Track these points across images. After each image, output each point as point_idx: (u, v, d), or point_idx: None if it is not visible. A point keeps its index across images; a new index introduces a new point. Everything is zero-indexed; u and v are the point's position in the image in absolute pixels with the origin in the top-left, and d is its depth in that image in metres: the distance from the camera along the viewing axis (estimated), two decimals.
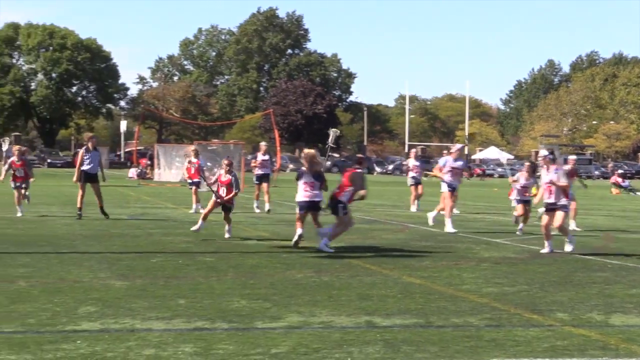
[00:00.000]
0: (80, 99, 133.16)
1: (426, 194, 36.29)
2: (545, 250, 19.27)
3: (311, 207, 18.96)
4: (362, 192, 19.17)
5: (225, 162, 20.84)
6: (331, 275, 14.95)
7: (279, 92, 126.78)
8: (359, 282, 14.34)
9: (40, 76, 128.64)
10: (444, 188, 24.44)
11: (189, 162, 30.23)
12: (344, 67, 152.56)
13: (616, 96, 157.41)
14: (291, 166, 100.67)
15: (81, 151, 25.97)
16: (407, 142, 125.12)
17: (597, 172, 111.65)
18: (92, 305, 11.57)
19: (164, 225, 24.84)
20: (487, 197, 43.06)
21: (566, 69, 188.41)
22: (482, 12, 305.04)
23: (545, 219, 19.35)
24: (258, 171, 32.46)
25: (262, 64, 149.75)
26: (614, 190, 62.69)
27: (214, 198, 20.66)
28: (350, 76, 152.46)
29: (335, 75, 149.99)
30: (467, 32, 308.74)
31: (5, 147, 67.40)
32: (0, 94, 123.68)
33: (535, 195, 21.34)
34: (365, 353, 9.22)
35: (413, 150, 36.85)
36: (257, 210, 30.01)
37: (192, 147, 32.60)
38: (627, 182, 67.51)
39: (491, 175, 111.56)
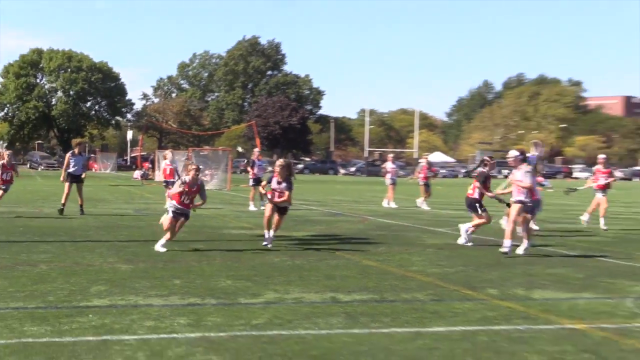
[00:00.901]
0: (93, 112, 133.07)
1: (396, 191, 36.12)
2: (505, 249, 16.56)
3: (280, 211, 16.89)
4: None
5: (194, 167, 16.36)
6: (302, 259, 14.97)
7: (260, 106, 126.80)
8: (326, 264, 14.36)
9: (59, 93, 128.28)
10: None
11: (165, 164, 29.49)
12: (315, 85, 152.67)
13: (539, 110, 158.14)
14: (270, 168, 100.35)
15: (68, 155, 25.44)
16: (366, 149, 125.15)
17: None
18: (102, 285, 11.53)
19: None
20: (434, 194, 43.24)
21: (499, 87, 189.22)
22: (430, 39, 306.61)
23: (514, 215, 16.83)
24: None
25: (246, 83, 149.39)
26: (538, 188, 62.79)
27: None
28: (319, 93, 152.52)
29: (307, 92, 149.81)
30: (418, 55, 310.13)
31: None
32: (26, 108, 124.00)
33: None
34: (330, 323, 9.26)
35: (390, 156, 36.79)
36: (254, 209, 29.43)
37: (168, 151, 31.97)
38: (547, 182, 67.60)
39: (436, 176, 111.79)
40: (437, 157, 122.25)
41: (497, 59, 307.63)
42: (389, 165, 34.62)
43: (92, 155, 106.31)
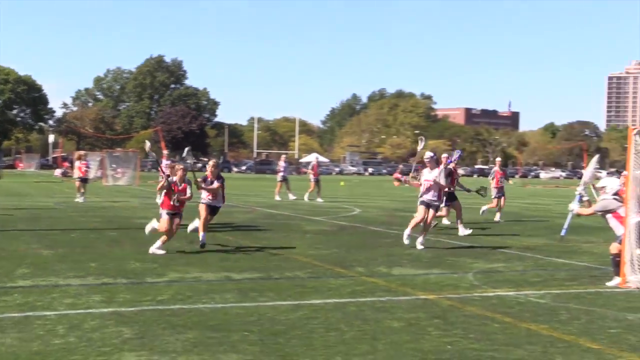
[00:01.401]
0: (19, 119, 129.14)
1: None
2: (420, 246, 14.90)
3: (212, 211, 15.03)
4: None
5: (181, 167, 14.08)
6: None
7: (165, 114, 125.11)
8: (221, 249, 14.23)
9: None
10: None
11: (81, 163, 28.92)
12: (212, 97, 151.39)
13: (397, 119, 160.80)
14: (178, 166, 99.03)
15: None
16: (255, 150, 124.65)
17: (384, 171, 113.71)
18: (26, 268, 11.14)
19: (80, 209, 24.09)
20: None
21: (365, 99, 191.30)
22: (308, 56, 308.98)
23: (422, 213, 15.00)
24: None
25: (153, 94, 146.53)
26: (395, 183, 63.64)
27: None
28: (215, 104, 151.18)
29: (205, 102, 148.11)
30: (297, 72, 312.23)
31: None
32: None
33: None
34: (224, 298, 9.18)
35: (283, 156, 36.63)
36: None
37: (82, 152, 31.22)
38: (405, 177, 68.56)
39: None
40: (314, 158, 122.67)
41: (363, 76, 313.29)
42: (281, 165, 34.59)
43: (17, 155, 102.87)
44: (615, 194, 11.51)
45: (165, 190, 13.79)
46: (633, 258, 10.78)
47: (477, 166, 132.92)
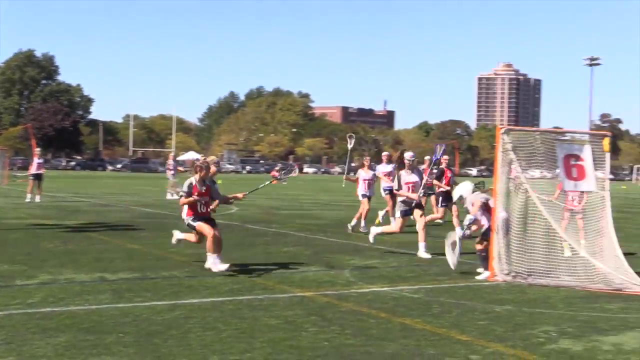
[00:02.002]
0: None
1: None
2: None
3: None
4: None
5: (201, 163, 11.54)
6: (74, 245, 14.38)
7: (35, 111, 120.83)
8: (95, 249, 13.88)
9: None
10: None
11: None
12: (85, 93, 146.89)
13: (275, 117, 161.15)
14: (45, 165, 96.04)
15: None
16: (131, 148, 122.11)
17: (262, 169, 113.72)
18: None
19: None
20: None
21: (242, 97, 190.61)
22: (184, 53, 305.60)
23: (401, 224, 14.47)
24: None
25: (22, 90, 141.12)
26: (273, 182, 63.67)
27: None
28: (89, 100, 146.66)
29: (78, 99, 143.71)
30: (174, 68, 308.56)
31: None
32: None
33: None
34: (99, 299, 8.97)
35: (172, 155, 35.99)
36: (29, 200, 27.34)
37: None
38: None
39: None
40: (191, 155, 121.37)
41: (241, 73, 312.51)
42: (171, 164, 34.09)
43: None
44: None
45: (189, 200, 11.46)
46: (500, 253, 11.22)
47: (353, 164, 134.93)
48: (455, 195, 12.45)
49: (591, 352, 7.04)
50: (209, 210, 11.73)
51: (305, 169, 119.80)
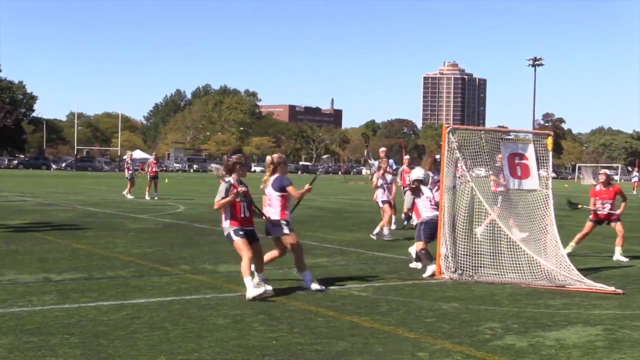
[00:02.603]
0: None
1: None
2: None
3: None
4: None
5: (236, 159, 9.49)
6: (16, 245, 14.11)
7: None
8: (39, 249, 13.65)
9: None
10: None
11: None
12: (29, 91, 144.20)
13: (222, 115, 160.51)
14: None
15: None
16: (76, 147, 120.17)
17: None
18: None
19: None
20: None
21: (189, 96, 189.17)
22: (130, 50, 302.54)
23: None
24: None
25: None
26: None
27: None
28: (33, 98, 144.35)
29: (21, 97, 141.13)
30: (120, 65, 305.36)
31: None
32: None
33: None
34: (43, 300, 8.82)
35: (130, 153, 35.54)
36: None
37: None
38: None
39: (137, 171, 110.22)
40: (138, 154, 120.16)
41: (187, 71, 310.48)
42: (129, 162, 33.70)
43: None
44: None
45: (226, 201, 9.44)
46: (447, 251, 11.35)
47: (301, 163, 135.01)
48: (412, 178, 12.36)
49: (535, 348, 7.16)
50: (252, 215, 9.71)
51: (254, 168, 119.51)
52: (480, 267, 11.25)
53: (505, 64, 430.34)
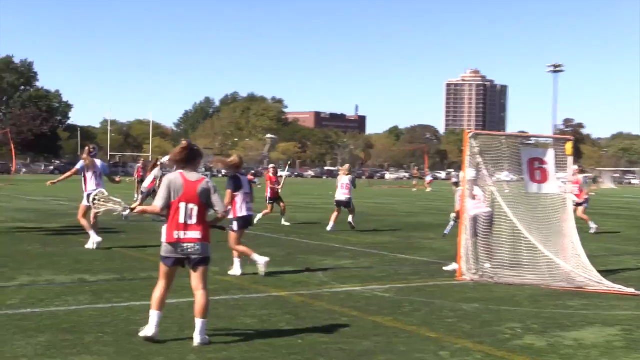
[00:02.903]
0: None
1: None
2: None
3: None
4: None
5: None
6: (53, 247, 14.28)
7: (14, 117, 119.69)
8: (75, 251, 13.80)
9: None
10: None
11: None
12: (64, 99, 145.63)
13: (250, 122, 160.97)
14: (24, 170, 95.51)
15: None
16: (109, 153, 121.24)
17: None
18: None
19: None
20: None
21: (217, 103, 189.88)
22: (160, 60, 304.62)
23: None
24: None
25: (1, 96, 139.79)
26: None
27: None
28: (68, 106, 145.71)
29: (57, 105, 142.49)
30: (151, 75, 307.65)
31: None
32: None
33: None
34: (78, 300, 8.92)
35: (160, 161, 35.81)
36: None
37: None
38: (257, 180, 68.72)
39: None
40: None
41: (216, 79, 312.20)
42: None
43: None
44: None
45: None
46: (468, 252, 11.32)
47: (326, 168, 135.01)
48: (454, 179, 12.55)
49: (554, 347, 7.13)
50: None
51: (280, 173, 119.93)
52: (501, 268, 11.21)
53: (526, 70, 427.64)
